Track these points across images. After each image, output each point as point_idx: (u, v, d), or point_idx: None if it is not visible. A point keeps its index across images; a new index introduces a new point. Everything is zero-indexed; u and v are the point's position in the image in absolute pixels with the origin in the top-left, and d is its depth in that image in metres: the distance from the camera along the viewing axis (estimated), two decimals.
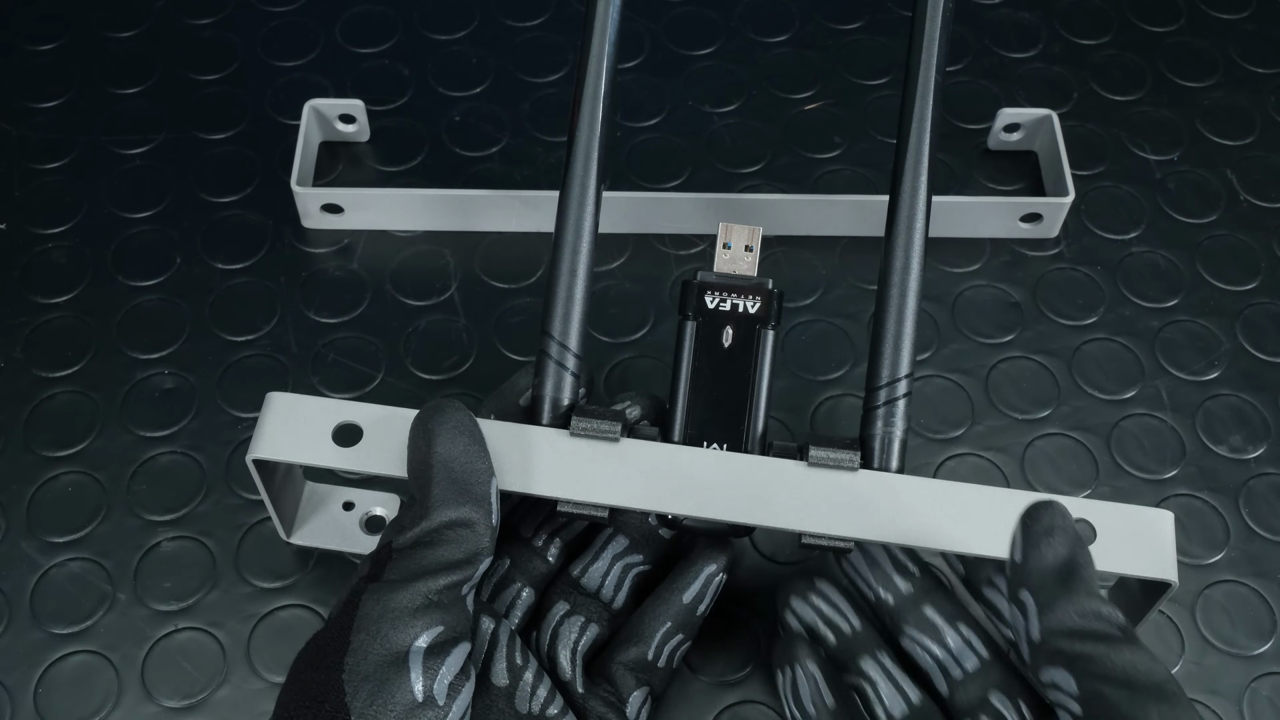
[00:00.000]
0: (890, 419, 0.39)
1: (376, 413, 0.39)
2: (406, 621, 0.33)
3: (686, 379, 0.39)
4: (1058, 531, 0.35)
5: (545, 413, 0.39)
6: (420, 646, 0.33)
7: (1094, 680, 0.32)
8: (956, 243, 0.53)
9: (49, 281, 0.51)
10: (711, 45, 0.59)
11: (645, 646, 0.39)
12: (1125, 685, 0.32)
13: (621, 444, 0.38)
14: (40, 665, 0.43)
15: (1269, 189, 0.55)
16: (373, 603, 0.33)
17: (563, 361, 0.39)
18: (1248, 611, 0.45)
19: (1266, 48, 0.59)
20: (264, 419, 0.39)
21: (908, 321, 0.39)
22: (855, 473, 0.38)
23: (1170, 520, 0.38)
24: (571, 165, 0.40)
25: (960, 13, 0.60)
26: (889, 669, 0.38)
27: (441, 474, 0.35)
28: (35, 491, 0.47)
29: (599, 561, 0.40)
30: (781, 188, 0.54)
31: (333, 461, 0.38)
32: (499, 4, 0.60)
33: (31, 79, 0.57)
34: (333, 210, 0.52)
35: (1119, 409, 0.49)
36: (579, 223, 0.40)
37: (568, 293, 0.40)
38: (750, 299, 0.39)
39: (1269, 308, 0.52)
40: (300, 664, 0.34)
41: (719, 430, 0.39)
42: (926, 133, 0.40)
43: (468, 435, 0.36)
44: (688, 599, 0.39)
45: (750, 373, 0.39)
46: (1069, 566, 0.34)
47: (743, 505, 0.37)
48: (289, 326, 0.50)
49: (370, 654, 0.33)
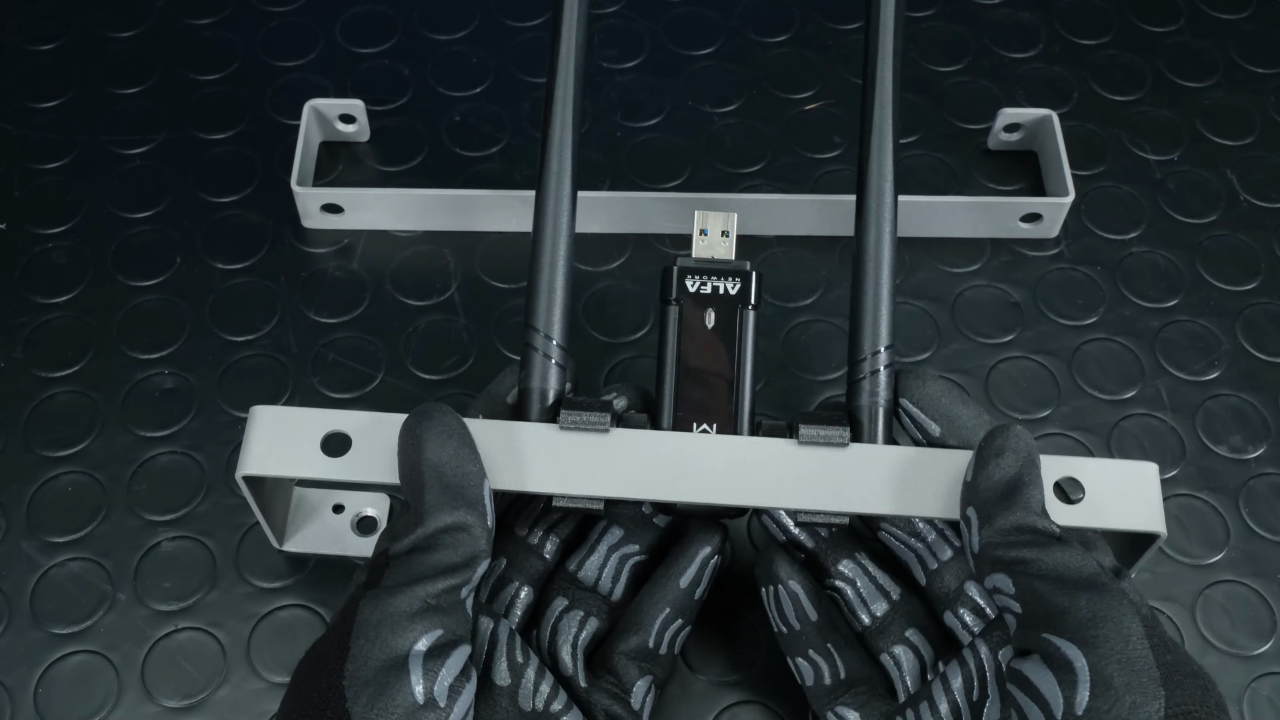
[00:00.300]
0: (875, 390, 0.39)
1: (364, 420, 0.39)
2: (405, 626, 0.33)
3: (673, 362, 0.39)
4: (1008, 452, 0.36)
5: (533, 406, 0.39)
6: (420, 650, 0.33)
7: (1028, 578, 0.34)
8: (956, 243, 0.53)
9: (49, 281, 0.51)
10: (711, 45, 0.59)
11: (645, 635, 0.39)
12: (1056, 580, 0.34)
13: (611, 434, 0.38)
14: (40, 665, 0.43)
15: (1269, 189, 0.55)
16: (371, 608, 0.33)
17: (548, 353, 0.39)
18: (1248, 611, 0.45)
19: (1266, 48, 0.59)
20: (250, 433, 0.39)
21: (884, 291, 0.40)
22: (846, 448, 0.38)
23: (1155, 471, 0.39)
24: (547, 160, 0.41)
25: (960, 13, 0.60)
26: (867, 567, 0.40)
27: (433, 479, 0.35)
28: (35, 491, 0.47)
29: (595, 554, 0.40)
30: (781, 188, 0.54)
31: (323, 472, 0.38)
32: (499, 4, 0.60)
33: (31, 79, 0.57)
34: (333, 210, 0.52)
35: (1119, 409, 0.49)
36: (556, 215, 0.40)
37: (549, 284, 0.40)
38: (730, 281, 0.40)
39: (1269, 308, 0.52)
40: (301, 673, 0.34)
41: (707, 411, 0.39)
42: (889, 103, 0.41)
43: (457, 439, 0.36)
44: (684, 584, 0.40)
45: (735, 353, 0.39)
46: (1013, 484, 0.35)
47: (737, 488, 0.38)
48: (289, 326, 0.50)
49: (370, 659, 0.33)
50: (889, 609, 0.39)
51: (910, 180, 0.55)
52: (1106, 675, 0.32)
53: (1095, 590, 0.33)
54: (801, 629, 0.39)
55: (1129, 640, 0.32)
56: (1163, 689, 0.32)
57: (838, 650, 0.39)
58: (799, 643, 0.39)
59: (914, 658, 0.38)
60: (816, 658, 0.39)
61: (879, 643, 0.39)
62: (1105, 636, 0.32)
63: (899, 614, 0.39)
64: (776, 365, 0.50)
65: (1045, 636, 0.33)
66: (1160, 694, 0.31)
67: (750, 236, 0.53)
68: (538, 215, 0.41)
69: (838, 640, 0.39)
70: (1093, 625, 0.32)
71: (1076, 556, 0.34)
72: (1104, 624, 0.32)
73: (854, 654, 0.39)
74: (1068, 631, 0.33)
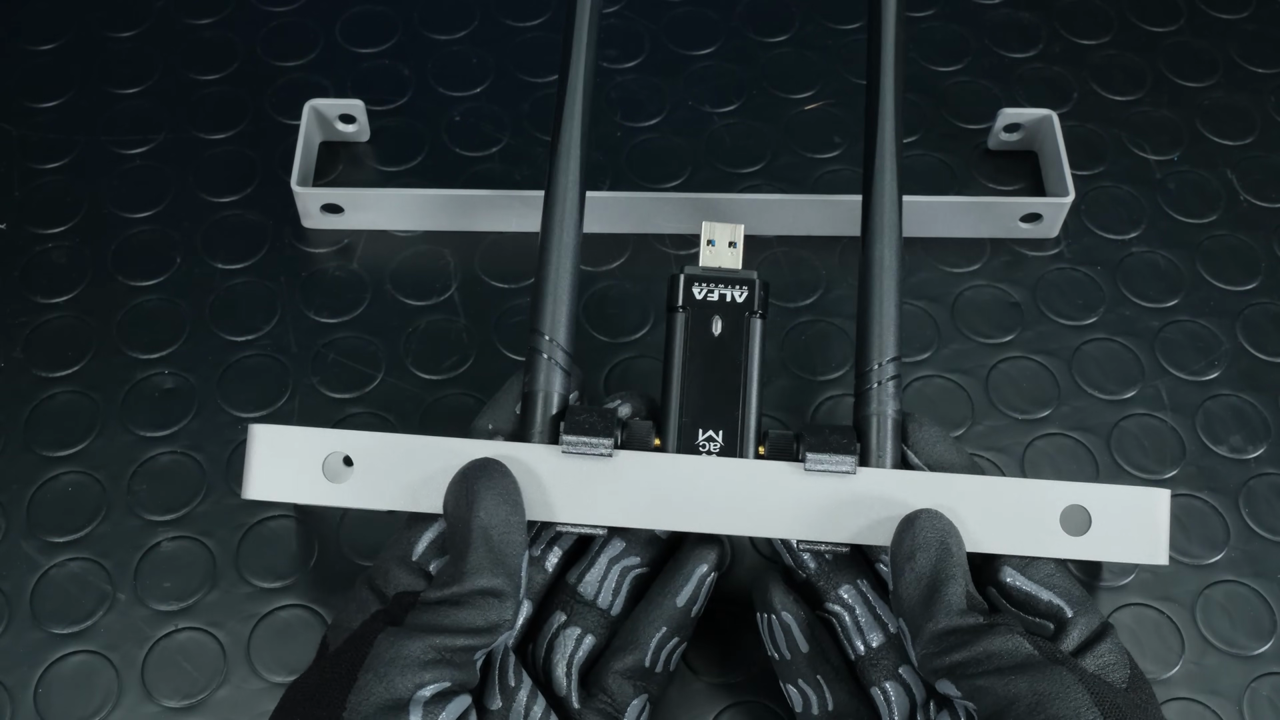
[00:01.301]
0: (883, 400, 0.39)
1: (366, 441, 0.39)
2: (415, 671, 0.33)
3: (679, 368, 0.39)
4: (918, 553, 0.36)
5: (537, 410, 0.39)
6: (423, 696, 0.33)
7: (969, 680, 0.34)
8: (956, 243, 0.53)
9: (49, 281, 0.51)
10: (711, 45, 0.59)
11: (641, 653, 0.39)
12: (995, 672, 0.34)
13: (615, 459, 0.38)
14: (40, 665, 0.43)
15: (1269, 189, 0.55)
16: (386, 645, 0.34)
17: (553, 357, 0.39)
18: (1248, 611, 0.45)
19: (1266, 48, 0.59)
20: (251, 455, 0.39)
21: (890, 302, 0.40)
22: (853, 475, 0.38)
23: (1165, 499, 0.39)
24: (556, 159, 0.41)
25: (960, 13, 0.60)
26: (868, 595, 0.39)
27: (480, 541, 0.35)
28: (35, 491, 0.47)
29: (595, 567, 0.40)
30: (781, 188, 0.54)
31: (328, 499, 0.38)
32: (499, 4, 0.60)
33: (31, 79, 0.57)
34: (333, 210, 0.52)
35: (1119, 409, 0.49)
36: (563, 218, 0.41)
37: (555, 288, 0.40)
38: (737, 289, 0.40)
39: (1269, 308, 0.52)
40: (298, 695, 0.34)
41: (713, 417, 0.39)
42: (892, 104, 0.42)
43: (510, 504, 0.36)
44: (681, 602, 0.39)
45: (742, 359, 0.39)
46: (930, 586, 0.36)
47: (742, 518, 0.38)
48: (289, 326, 0.50)
49: (374, 696, 0.33)
50: (884, 641, 0.38)
51: (910, 180, 0.54)
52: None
53: (1034, 672, 0.34)
54: (793, 659, 0.39)
55: (1079, 715, 0.33)
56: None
57: (827, 682, 0.38)
58: (790, 671, 0.39)
59: (905, 697, 0.38)
60: (806, 688, 0.38)
61: (871, 675, 0.38)
62: (1055, 718, 0.33)
63: (894, 648, 0.38)
64: (777, 365, 0.50)
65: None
66: None
67: (750, 236, 0.52)
68: (546, 220, 0.41)
69: (828, 672, 0.39)
70: (1039, 709, 0.33)
71: (1007, 642, 0.34)
72: (1050, 704, 0.33)
73: (843, 687, 0.38)
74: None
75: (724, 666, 0.43)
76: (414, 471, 0.38)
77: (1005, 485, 0.38)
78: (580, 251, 0.41)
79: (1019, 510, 0.38)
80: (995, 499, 0.38)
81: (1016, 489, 0.38)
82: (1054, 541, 0.38)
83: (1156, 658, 0.44)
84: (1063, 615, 0.37)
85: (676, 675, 0.42)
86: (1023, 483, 0.38)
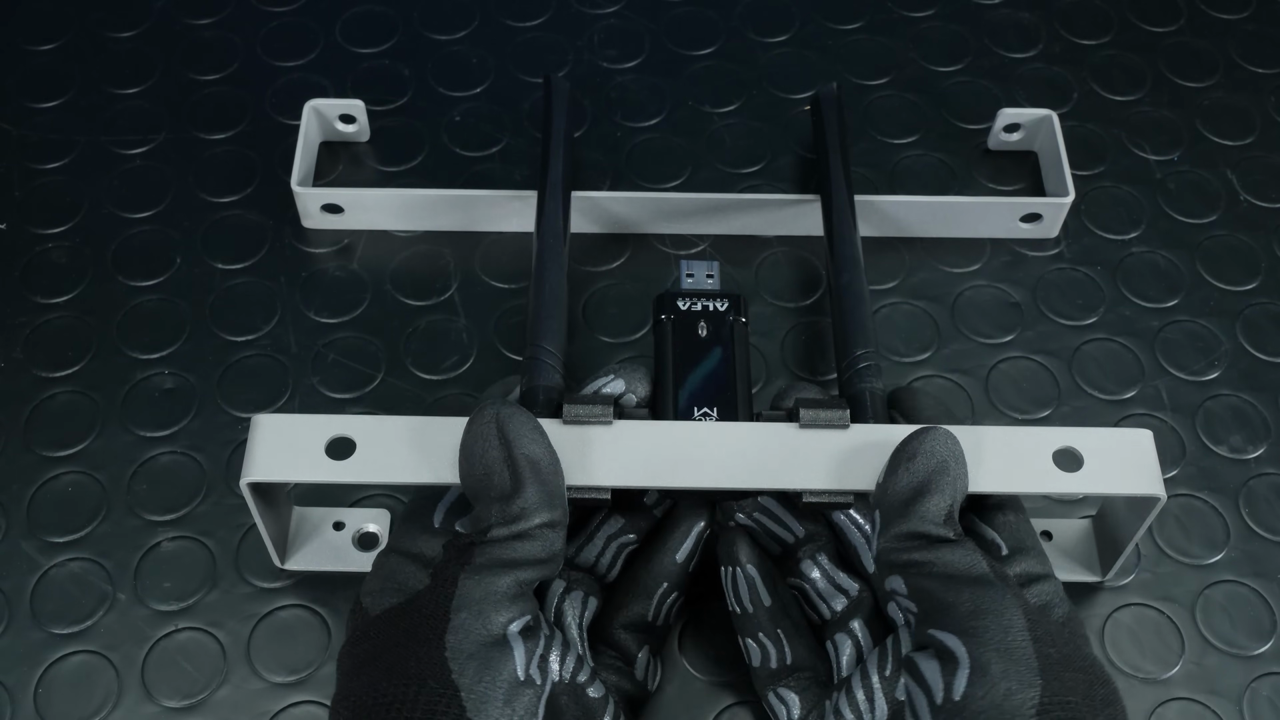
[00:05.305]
0: (865, 378, 0.42)
1: (367, 424, 0.39)
2: (506, 605, 0.35)
3: (671, 362, 0.41)
4: (919, 457, 0.37)
5: (537, 403, 0.40)
6: (515, 630, 0.35)
7: (919, 579, 0.36)
8: (956, 243, 0.53)
9: (49, 281, 0.51)
10: (711, 45, 0.59)
11: (645, 607, 0.40)
12: (944, 578, 0.35)
13: (615, 425, 0.39)
14: (40, 665, 0.43)
15: (1269, 189, 0.55)
16: (473, 584, 0.35)
17: (549, 361, 0.42)
18: (1248, 611, 0.45)
19: (1266, 48, 0.59)
20: (253, 441, 0.39)
21: (864, 305, 0.44)
22: (847, 429, 0.39)
23: (1150, 437, 0.40)
24: (544, 209, 0.46)
25: (960, 13, 0.60)
26: (827, 568, 0.40)
27: (531, 476, 0.36)
28: (35, 491, 0.47)
29: (593, 543, 0.41)
30: (781, 188, 0.54)
31: (329, 476, 0.38)
32: (499, 4, 0.60)
33: (31, 79, 0.57)
34: (333, 210, 0.52)
35: (1119, 409, 0.49)
36: (554, 252, 0.45)
37: (548, 308, 0.43)
38: (719, 301, 0.43)
39: (1269, 308, 0.52)
40: (382, 642, 0.35)
41: (707, 398, 0.41)
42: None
43: (545, 439, 0.37)
44: (681, 558, 0.41)
45: (730, 352, 0.42)
46: (916, 491, 0.37)
47: (741, 472, 0.39)
48: (289, 326, 0.50)
49: (473, 632, 0.34)
50: (847, 604, 0.40)
51: (910, 180, 0.55)
52: (984, 663, 0.33)
53: (980, 586, 0.35)
54: (754, 612, 0.40)
55: (1009, 631, 0.34)
56: (1040, 678, 0.33)
57: (787, 637, 0.40)
58: (750, 624, 0.40)
59: (851, 646, 0.39)
60: (766, 641, 0.40)
61: (828, 631, 0.40)
62: (985, 628, 0.34)
63: (852, 606, 0.40)
64: (776, 364, 0.50)
65: (931, 631, 0.35)
66: (1037, 683, 0.33)
67: (750, 236, 0.53)
68: (536, 249, 0.45)
69: (788, 627, 0.40)
70: (974, 617, 0.34)
71: (965, 556, 0.36)
72: (985, 616, 0.34)
73: (802, 642, 0.40)
74: (952, 625, 0.34)
75: (724, 666, 0.43)
76: (417, 448, 0.39)
77: (995, 431, 0.40)
78: (565, 270, 0.44)
79: (1012, 452, 0.39)
80: (987, 444, 0.39)
81: (1006, 435, 0.39)
82: (1050, 478, 0.39)
83: (1156, 658, 0.44)
84: (1017, 554, 0.38)
85: (676, 674, 0.43)
86: (1011, 430, 0.40)
